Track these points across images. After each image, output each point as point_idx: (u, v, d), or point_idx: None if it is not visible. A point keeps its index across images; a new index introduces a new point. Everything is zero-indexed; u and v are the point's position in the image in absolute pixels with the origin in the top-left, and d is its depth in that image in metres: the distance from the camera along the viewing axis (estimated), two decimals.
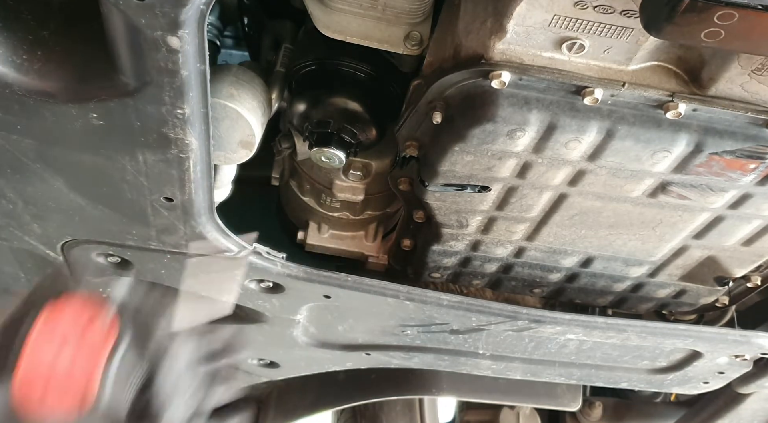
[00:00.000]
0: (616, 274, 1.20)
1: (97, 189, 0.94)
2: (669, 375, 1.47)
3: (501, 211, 1.04)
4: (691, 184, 0.94)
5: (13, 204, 0.98)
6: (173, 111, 0.77)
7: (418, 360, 1.43)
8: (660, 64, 0.84)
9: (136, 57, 0.72)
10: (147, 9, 0.65)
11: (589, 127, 0.86)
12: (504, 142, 0.88)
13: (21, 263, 1.18)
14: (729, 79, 0.81)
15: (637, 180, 0.95)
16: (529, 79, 0.82)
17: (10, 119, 0.82)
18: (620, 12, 0.74)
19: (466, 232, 1.11)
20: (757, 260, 1.13)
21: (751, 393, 1.49)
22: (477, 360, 1.42)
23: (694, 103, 0.83)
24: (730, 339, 1.28)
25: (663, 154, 0.89)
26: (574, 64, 0.82)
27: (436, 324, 1.26)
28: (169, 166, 0.86)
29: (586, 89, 0.82)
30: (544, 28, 0.78)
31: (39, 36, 0.78)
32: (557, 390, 1.73)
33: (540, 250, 1.15)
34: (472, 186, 0.98)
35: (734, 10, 0.61)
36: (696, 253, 1.12)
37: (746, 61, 0.79)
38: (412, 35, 0.90)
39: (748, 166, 0.90)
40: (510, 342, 1.34)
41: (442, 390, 1.66)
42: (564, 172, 0.94)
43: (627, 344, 1.33)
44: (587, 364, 1.44)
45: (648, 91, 0.83)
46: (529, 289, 1.28)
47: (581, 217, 1.04)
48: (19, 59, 0.77)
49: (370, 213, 1.26)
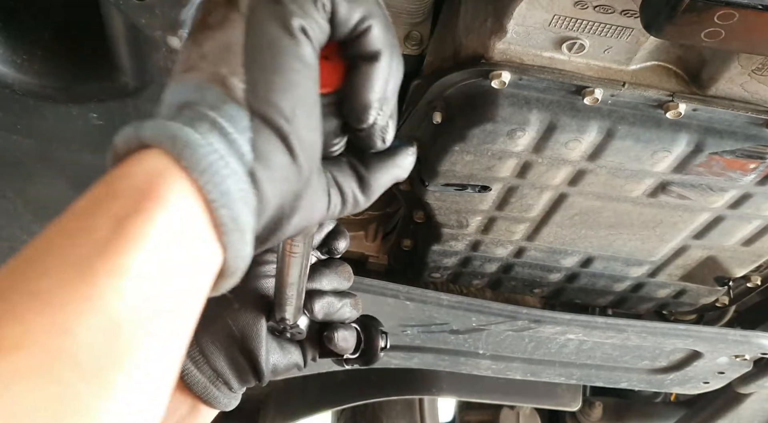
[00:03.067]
0: (616, 274, 1.20)
1: None
2: (669, 375, 1.47)
3: (501, 211, 1.04)
4: (692, 184, 0.94)
5: (14, 204, 0.98)
6: None
7: (417, 360, 1.42)
8: (660, 64, 0.84)
9: (136, 57, 0.72)
10: (147, 9, 0.65)
11: (589, 127, 0.86)
12: (504, 141, 0.88)
13: None
14: (729, 79, 0.81)
15: (638, 180, 0.95)
16: (529, 79, 0.82)
17: (11, 119, 0.82)
18: (620, 12, 0.74)
19: (466, 232, 1.11)
20: (757, 260, 1.13)
21: (751, 393, 1.49)
22: (477, 360, 1.41)
23: (694, 103, 0.83)
24: (730, 339, 1.28)
25: (663, 154, 0.89)
26: (574, 64, 0.82)
27: (435, 324, 1.26)
28: None
29: (587, 89, 0.82)
30: (545, 28, 0.78)
31: (39, 36, 0.78)
32: (557, 390, 1.73)
33: (540, 250, 1.15)
34: (472, 186, 0.98)
35: (734, 10, 0.60)
36: (696, 253, 1.12)
37: (746, 61, 0.79)
38: (411, 35, 0.90)
39: (748, 165, 0.90)
40: (510, 342, 1.34)
41: (442, 390, 1.66)
42: (564, 171, 0.94)
43: (627, 344, 1.33)
44: (587, 364, 1.44)
45: (648, 91, 0.83)
46: (529, 289, 1.28)
47: (581, 217, 1.04)
48: (19, 59, 0.77)
49: (370, 213, 1.26)
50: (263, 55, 0.47)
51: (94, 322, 0.36)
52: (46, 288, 0.37)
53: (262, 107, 0.47)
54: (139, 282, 0.39)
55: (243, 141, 0.45)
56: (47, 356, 0.34)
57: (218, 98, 0.46)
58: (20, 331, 0.34)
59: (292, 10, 0.48)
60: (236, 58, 0.47)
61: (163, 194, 0.42)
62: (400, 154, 0.59)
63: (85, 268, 0.38)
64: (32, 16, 0.78)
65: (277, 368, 0.72)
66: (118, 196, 0.42)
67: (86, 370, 0.35)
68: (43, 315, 0.35)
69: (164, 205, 0.42)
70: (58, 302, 0.36)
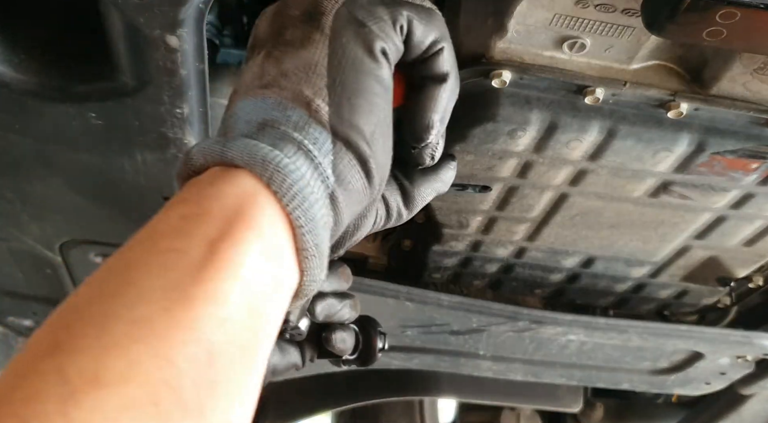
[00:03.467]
0: (618, 275, 1.19)
1: (96, 189, 0.93)
2: (670, 376, 1.47)
3: (502, 211, 1.04)
4: (693, 184, 0.94)
5: (11, 204, 0.98)
6: (172, 110, 0.77)
7: (418, 361, 1.42)
8: (661, 64, 0.83)
9: (134, 56, 0.72)
10: (146, 8, 0.65)
11: (590, 127, 0.86)
12: (505, 141, 0.88)
13: (19, 263, 1.18)
14: (731, 79, 0.81)
15: (639, 180, 0.94)
16: (530, 79, 0.81)
17: (9, 119, 0.82)
18: (621, 11, 0.74)
19: (467, 233, 1.10)
20: (759, 261, 1.13)
21: (753, 394, 1.49)
22: (477, 361, 1.41)
23: (695, 103, 0.83)
24: (731, 340, 1.28)
25: (665, 154, 0.88)
26: (575, 64, 0.82)
27: (436, 325, 1.26)
28: (168, 166, 0.85)
29: (588, 88, 0.82)
30: (545, 27, 0.77)
31: (37, 35, 0.78)
32: (558, 391, 1.72)
33: (541, 251, 1.15)
34: (472, 186, 0.98)
35: (736, 9, 0.60)
36: (698, 253, 1.12)
37: (748, 61, 0.78)
38: None
39: (750, 165, 0.89)
40: (511, 343, 1.33)
41: (443, 391, 1.66)
42: (565, 171, 0.94)
43: (628, 345, 1.33)
44: (588, 365, 1.43)
45: (649, 91, 0.83)
46: (530, 290, 1.28)
47: (582, 217, 1.04)
48: (17, 58, 0.77)
49: None
50: (347, 77, 0.48)
51: (193, 352, 0.36)
52: (146, 315, 0.37)
53: (345, 130, 0.47)
54: (234, 309, 0.39)
55: (326, 164, 0.46)
56: (152, 389, 0.34)
57: (303, 119, 0.46)
58: (126, 363, 0.34)
59: (376, 33, 0.49)
60: (320, 79, 0.47)
61: (254, 218, 0.42)
62: (442, 169, 0.59)
63: (182, 294, 0.38)
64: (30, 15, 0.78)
65: (277, 369, 0.72)
66: (209, 217, 0.42)
67: (187, 401, 0.35)
68: (147, 345, 0.35)
69: (255, 229, 0.42)
70: (159, 332, 0.36)
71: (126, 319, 0.36)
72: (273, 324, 0.44)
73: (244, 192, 0.43)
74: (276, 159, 0.43)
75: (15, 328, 1.40)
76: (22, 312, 1.33)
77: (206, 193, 0.43)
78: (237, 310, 0.39)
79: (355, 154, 0.47)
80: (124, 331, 0.36)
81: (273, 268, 0.43)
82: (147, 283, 0.38)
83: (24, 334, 1.42)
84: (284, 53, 0.49)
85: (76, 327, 0.36)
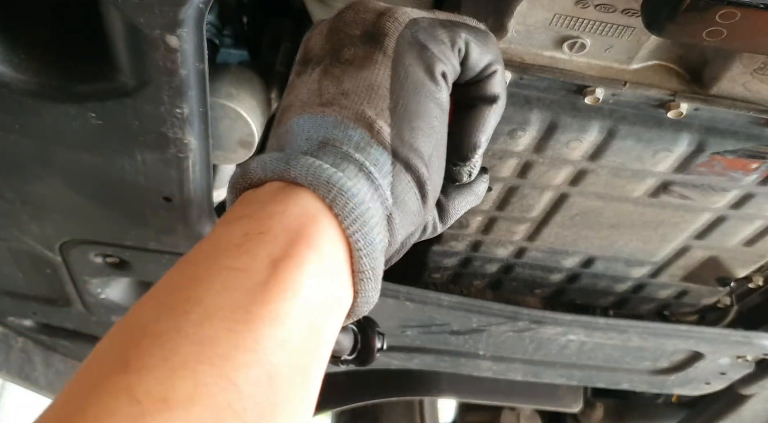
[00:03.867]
0: (618, 275, 1.19)
1: (96, 189, 0.93)
2: (670, 376, 1.46)
3: (502, 211, 1.04)
4: (693, 184, 0.94)
5: (11, 203, 0.98)
6: (172, 110, 0.77)
7: (418, 361, 1.42)
8: (661, 64, 0.83)
9: (134, 56, 0.71)
10: (146, 8, 0.65)
11: (590, 127, 0.86)
12: (505, 141, 0.88)
13: (19, 263, 1.18)
14: (731, 79, 0.81)
15: (639, 180, 0.94)
16: (530, 79, 0.81)
17: (8, 119, 0.82)
18: (621, 11, 0.74)
19: (467, 233, 1.10)
20: (759, 261, 1.13)
21: (753, 394, 1.49)
22: (477, 361, 1.41)
23: (695, 103, 0.83)
24: (731, 340, 1.28)
25: (665, 154, 0.88)
26: (575, 64, 0.82)
27: (436, 325, 1.26)
28: (168, 166, 0.85)
29: (588, 88, 0.82)
30: (545, 27, 0.77)
31: (37, 35, 0.78)
32: (558, 391, 1.72)
33: (541, 251, 1.15)
34: None
35: (736, 9, 0.60)
36: (698, 253, 1.12)
37: (748, 61, 0.78)
38: None
39: (750, 165, 0.89)
40: (511, 343, 1.33)
41: (443, 391, 1.66)
42: (565, 171, 0.94)
43: (628, 345, 1.32)
44: (589, 365, 1.43)
45: (649, 91, 0.83)
46: (530, 290, 1.27)
47: (582, 217, 1.04)
48: (17, 58, 0.77)
49: None
50: (409, 99, 0.48)
51: (254, 374, 0.37)
52: (211, 336, 0.37)
53: (406, 152, 0.47)
54: (295, 330, 0.40)
55: (386, 186, 0.46)
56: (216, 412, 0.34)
57: (364, 140, 0.46)
58: (193, 385, 0.35)
59: (437, 56, 0.49)
60: (382, 100, 0.47)
61: (315, 239, 0.42)
62: (476, 182, 0.60)
63: (245, 314, 0.38)
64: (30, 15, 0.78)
65: None
66: (271, 237, 0.42)
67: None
68: (213, 366, 0.36)
69: (315, 249, 0.42)
70: (223, 353, 0.36)
71: (193, 339, 0.36)
72: (328, 344, 0.44)
73: (306, 212, 0.43)
74: (340, 182, 0.44)
75: (15, 328, 1.40)
76: (22, 312, 1.33)
77: (269, 211, 0.44)
78: (297, 331, 0.40)
79: (414, 176, 0.48)
80: (191, 352, 0.36)
81: (331, 289, 0.43)
82: (212, 302, 0.38)
83: (24, 334, 1.42)
84: (344, 72, 0.49)
85: (143, 345, 0.36)
